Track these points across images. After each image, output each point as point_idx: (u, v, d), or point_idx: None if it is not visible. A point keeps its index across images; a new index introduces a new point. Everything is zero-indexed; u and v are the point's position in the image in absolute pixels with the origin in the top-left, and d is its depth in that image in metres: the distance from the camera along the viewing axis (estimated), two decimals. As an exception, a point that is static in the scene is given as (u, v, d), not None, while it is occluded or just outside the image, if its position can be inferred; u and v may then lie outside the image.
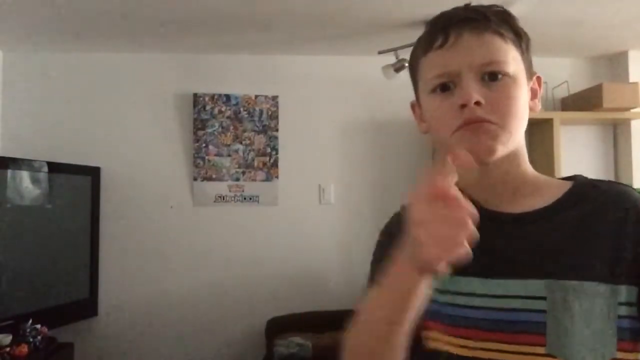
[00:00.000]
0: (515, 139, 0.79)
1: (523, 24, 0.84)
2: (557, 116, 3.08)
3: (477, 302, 0.77)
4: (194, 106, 3.19)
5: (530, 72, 0.83)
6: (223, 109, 3.20)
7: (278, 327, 2.95)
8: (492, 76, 0.76)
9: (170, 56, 3.22)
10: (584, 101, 3.11)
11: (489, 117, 0.75)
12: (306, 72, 3.28)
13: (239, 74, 3.25)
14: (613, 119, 3.19)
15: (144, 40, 2.99)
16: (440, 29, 0.79)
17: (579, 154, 3.29)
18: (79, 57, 3.18)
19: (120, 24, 2.74)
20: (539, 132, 3.18)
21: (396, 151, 3.27)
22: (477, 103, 0.74)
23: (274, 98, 3.24)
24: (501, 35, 0.78)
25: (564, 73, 3.32)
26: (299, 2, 2.46)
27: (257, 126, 3.22)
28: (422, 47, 0.82)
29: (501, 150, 0.77)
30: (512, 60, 0.78)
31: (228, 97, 3.21)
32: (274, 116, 3.23)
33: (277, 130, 3.23)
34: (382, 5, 2.49)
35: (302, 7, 2.52)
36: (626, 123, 3.23)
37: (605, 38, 3.04)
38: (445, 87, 0.78)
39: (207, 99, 3.20)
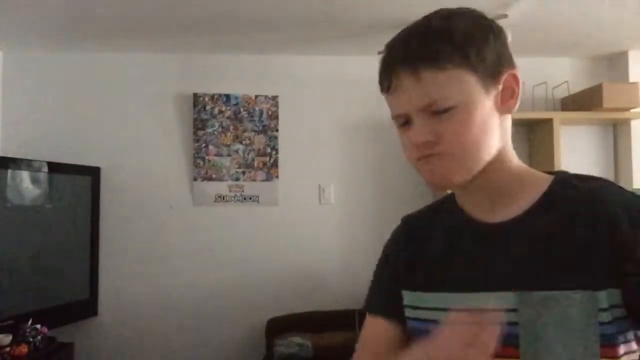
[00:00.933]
0: (479, 160, 0.77)
1: (523, 24, 0.84)
2: (557, 116, 3.08)
3: None
4: (194, 106, 3.19)
5: (495, 77, 0.77)
6: (223, 109, 3.20)
7: (278, 327, 2.95)
8: (441, 111, 0.75)
9: (170, 56, 3.22)
10: (584, 101, 3.11)
11: (441, 150, 0.76)
12: (306, 72, 3.28)
13: (239, 74, 3.25)
14: (613, 119, 3.19)
15: (144, 40, 3.00)
16: (383, 73, 0.80)
17: (579, 154, 3.29)
18: (79, 57, 3.18)
19: (120, 24, 2.74)
20: (539, 132, 3.18)
21: (396, 151, 3.25)
22: (428, 142, 0.76)
23: (274, 98, 3.24)
24: (438, 67, 0.74)
25: (564, 73, 3.32)
26: (299, 2, 2.46)
27: (257, 126, 3.22)
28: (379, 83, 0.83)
29: (459, 178, 0.78)
30: (456, 88, 0.74)
31: (228, 97, 3.21)
32: (274, 116, 3.23)
33: (277, 130, 3.23)
34: (382, 5, 2.49)
35: (302, 7, 2.52)
36: (626, 123, 3.23)
37: (605, 38, 3.04)
38: (404, 124, 0.80)
39: (207, 99, 3.20)
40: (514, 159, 0.83)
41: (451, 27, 0.75)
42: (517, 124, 3.24)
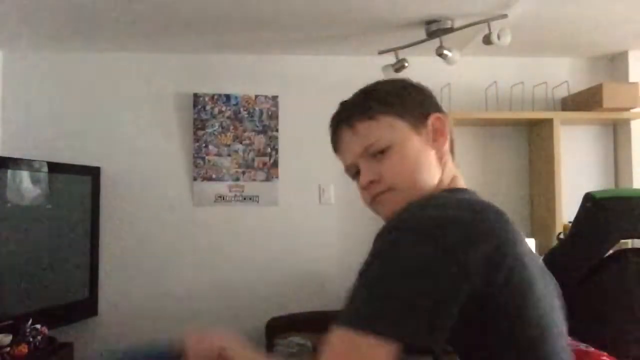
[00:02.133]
0: (421, 190, 0.88)
1: (523, 24, 0.85)
2: (557, 116, 3.08)
3: None
4: (194, 106, 3.19)
5: (421, 119, 0.92)
6: (223, 109, 3.20)
7: (278, 327, 2.95)
8: (378, 152, 0.89)
9: (170, 56, 3.22)
10: (584, 101, 3.11)
11: (384, 188, 0.90)
12: (306, 72, 3.28)
13: (239, 74, 3.25)
14: (613, 119, 3.19)
15: (144, 40, 2.99)
16: (331, 136, 0.98)
17: (579, 154, 3.29)
18: (79, 57, 3.18)
19: (120, 24, 2.74)
20: (539, 132, 3.18)
21: (396, 151, 3.27)
22: (372, 182, 0.90)
23: (274, 98, 3.24)
24: (369, 117, 0.90)
25: (564, 73, 3.32)
26: (299, 2, 2.46)
27: (257, 126, 3.22)
28: None
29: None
30: (386, 131, 0.89)
31: (228, 97, 3.21)
32: (274, 116, 3.23)
33: (277, 130, 3.23)
34: (382, 5, 2.49)
35: (302, 7, 2.52)
36: (626, 123, 3.23)
37: (605, 38, 3.04)
38: (356, 175, 0.95)
39: (207, 99, 3.19)
40: (454, 192, 0.91)
41: (376, 88, 0.96)
42: (517, 124, 3.27)
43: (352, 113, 0.93)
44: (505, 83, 3.20)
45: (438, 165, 0.92)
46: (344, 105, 0.96)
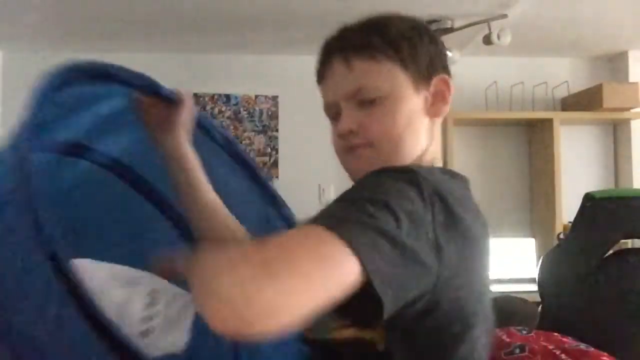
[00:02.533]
0: (402, 155, 0.77)
1: (523, 24, 0.84)
2: (557, 116, 3.08)
3: None
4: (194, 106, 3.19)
5: (425, 77, 0.78)
6: (223, 109, 3.21)
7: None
8: (367, 101, 0.76)
9: (170, 56, 3.22)
10: (584, 101, 3.11)
11: (364, 141, 0.77)
12: (306, 72, 3.25)
13: (239, 74, 3.25)
14: (613, 119, 3.19)
15: (144, 40, 3.00)
16: (319, 63, 0.84)
17: (579, 154, 3.29)
18: (79, 57, 3.17)
19: (120, 24, 2.74)
20: (539, 132, 3.18)
21: (396, 151, 3.27)
22: (352, 131, 0.77)
23: (274, 98, 3.24)
24: (370, 56, 0.77)
25: (564, 73, 3.32)
26: (299, 2, 2.47)
27: (257, 126, 3.22)
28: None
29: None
30: (385, 79, 0.76)
31: (228, 97, 3.21)
32: (273, 116, 3.23)
33: (277, 130, 3.23)
34: (382, 5, 2.48)
35: (303, 7, 2.52)
36: (626, 123, 3.23)
37: (605, 38, 3.04)
38: (335, 116, 0.81)
39: (207, 99, 3.20)
40: (436, 165, 0.81)
41: (388, 23, 0.80)
42: (517, 124, 3.27)
43: (351, 45, 0.79)
44: (505, 83, 3.19)
45: (427, 136, 0.79)
46: (344, 32, 0.83)
